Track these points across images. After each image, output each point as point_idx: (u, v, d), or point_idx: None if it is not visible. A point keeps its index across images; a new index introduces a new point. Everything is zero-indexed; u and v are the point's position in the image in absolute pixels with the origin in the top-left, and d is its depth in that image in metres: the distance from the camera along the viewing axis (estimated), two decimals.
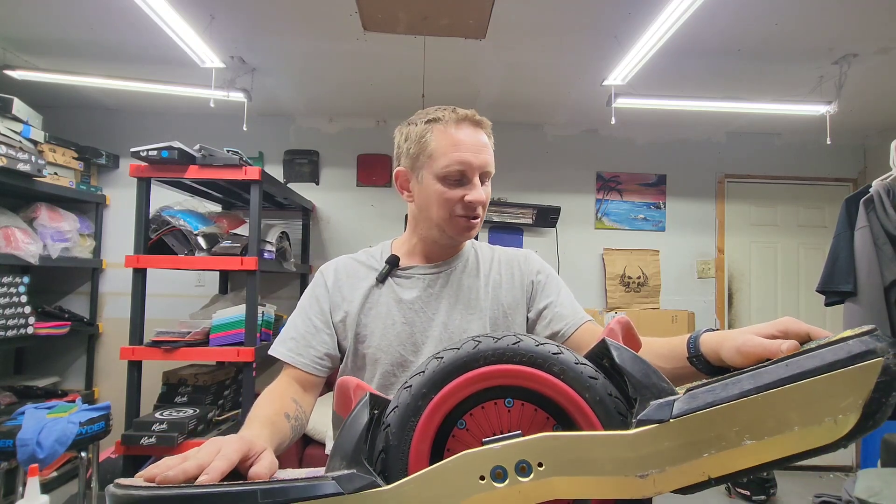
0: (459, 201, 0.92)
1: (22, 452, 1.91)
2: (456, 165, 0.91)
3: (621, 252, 3.72)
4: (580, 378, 0.46)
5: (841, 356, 0.40)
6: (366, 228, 3.59)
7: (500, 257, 1.06)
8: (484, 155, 0.93)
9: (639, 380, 0.44)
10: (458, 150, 0.91)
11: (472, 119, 0.94)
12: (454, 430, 0.48)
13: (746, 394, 0.41)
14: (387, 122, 3.68)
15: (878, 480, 1.88)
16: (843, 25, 2.29)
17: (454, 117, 0.93)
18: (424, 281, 0.99)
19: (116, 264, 3.34)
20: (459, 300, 0.98)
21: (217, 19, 2.29)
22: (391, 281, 0.99)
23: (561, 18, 2.28)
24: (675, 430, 0.41)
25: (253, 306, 2.32)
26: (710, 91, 2.97)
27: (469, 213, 0.93)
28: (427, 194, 0.95)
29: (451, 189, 0.92)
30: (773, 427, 0.40)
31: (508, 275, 1.03)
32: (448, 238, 0.98)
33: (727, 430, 0.40)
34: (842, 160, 3.80)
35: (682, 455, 0.40)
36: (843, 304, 2.02)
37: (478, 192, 0.92)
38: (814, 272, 2.64)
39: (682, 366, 0.69)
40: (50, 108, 3.18)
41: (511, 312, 0.99)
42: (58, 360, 3.37)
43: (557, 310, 0.98)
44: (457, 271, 1.01)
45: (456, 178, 0.92)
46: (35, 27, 2.45)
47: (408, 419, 0.45)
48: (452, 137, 0.92)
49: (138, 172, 2.32)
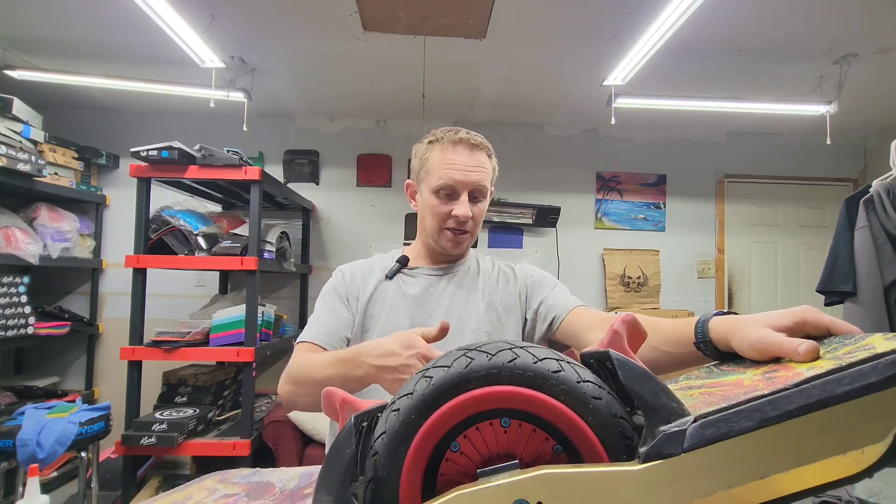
0: (449, 215, 1.03)
1: (22, 452, 1.91)
2: (445, 181, 1.01)
3: (621, 252, 3.72)
4: (582, 399, 0.43)
5: (873, 379, 0.35)
6: (366, 228, 3.57)
7: (499, 268, 1.16)
8: (475, 174, 1.02)
9: (647, 400, 0.41)
10: (449, 168, 1.01)
11: (467, 142, 1.03)
12: (447, 452, 0.45)
13: (766, 423, 0.37)
14: (387, 122, 3.68)
15: (878, 480, 1.87)
16: (843, 25, 2.29)
17: (451, 138, 1.03)
18: (428, 280, 1.09)
19: (116, 264, 3.34)
20: (458, 299, 1.08)
21: (217, 19, 2.29)
22: (399, 278, 1.09)
23: (561, 18, 2.28)
24: (685, 466, 0.37)
25: (253, 306, 2.32)
26: (710, 91, 2.97)
27: (457, 226, 1.03)
28: (424, 205, 1.07)
29: (443, 203, 1.03)
30: (792, 460, 0.36)
31: (504, 282, 1.12)
32: (440, 248, 1.08)
33: (742, 464, 0.37)
34: (842, 160, 3.80)
35: (699, 489, 0.37)
36: (843, 304, 2.02)
37: (463, 207, 1.01)
38: (814, 272, 2.64)
39: (689, 350, 0.68)
40: (50, 108, 3.18)
41: (505, 315, 1.07)
42: (58, 360, 3.37)
43: (550, 302, 1.05)
44: (458, 275, 1.11)
45: (447, 192, 1.02)
46: (35, 27, 2.45)
47: (397, 447, 0.42)
48: (446, 157, 1.02)
49: (138, 172, 2.32)
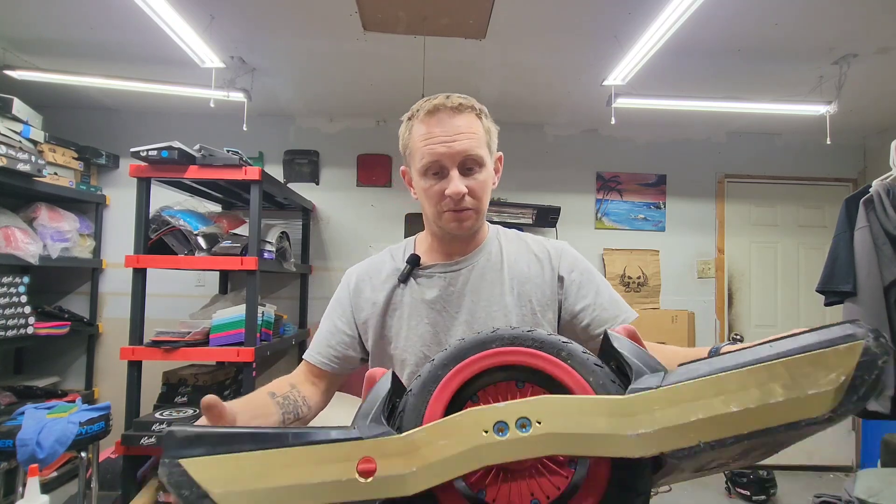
0: (442, 195, 0.88)
1: (22, 452, 1.91)
2: (428, 158, 0.86)
3: (621, 252, 3.72)
4: (585, 363, 0.51)
5: (824, 338, 0.43)
6: (366, 228, 3.57)
7: (529, 249, 0.99)
8: (460, 143, 0.86)
9: (635, 360, 0.49)
10: (428, 142, 0.86)
11: (445, 107, 0.87)
12: (468, 403, 0.55)
13: (730, 368, 0.44)
14: (387, 122, 3.68)
15: (878, 480, 1.88)
16: (843, 25, 2.29)
17: (426, 107, 0.88)
18: (445, 279, 0.95)
19: (116, 264, 3.33)
20: (482, 297, 0.94)
21: (217, 19, 2.29)
22: (413, 281, 0.96)
23: (561, 18, 2.28)
24: (665, 396, 0.45)
25: (253, 306, 2.32)
26: (710, 91, 2.97)
27: (455, 205, 0.88)
28: (418, 190, 0.93)
29: (435, 183, 0.88)
30: (758, 397, 0.43)
31: (538, 269, 0.96)
32: (446, 233, 0.94)
33: (714, 398, 0.44)
34: (842, 160, 3.80)
35: (672, 417, 0.44)
36: (843, 304, 2.02)
37: (454, 184, 0.86)
38: (814, 272, 2.64)
39: None
40: (50, 108, 3.18)
41: (541, 310, 0.93)
42: (58, 360, 3.37)
43: (597, 313, 0.92)
44: (478, 267, 0.96)
45: (433, 170, 0.88)
46: (35, 27, 2.45)
47: (428, 385, 0.53)
48: (424, 130, 0.87)
49: (138, 172, 2.32)
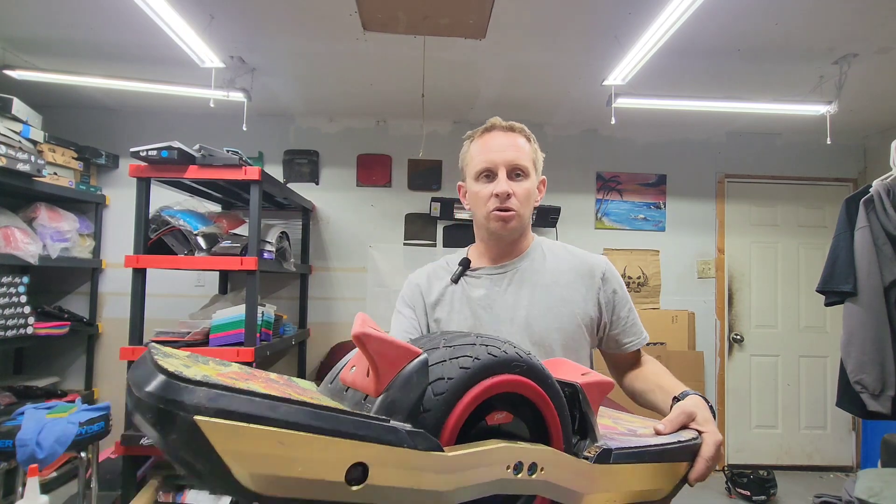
0: (490, 195, 1.05)
1: (21, 452, 1.91)
2: (482, 164, 1.06)
3: (621, 252, 3.72)
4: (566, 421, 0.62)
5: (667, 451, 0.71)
6: (366, 228, 3.57)
7: (572, 259, 1.14)
8: (510, 152, 1.06)
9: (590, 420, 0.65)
10: (484, 152, 1.07)
11: (500, 126, 1.09)
12: None
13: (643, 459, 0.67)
14: (387, 122, 3.68)
15: (878, 480, 1.88)
16: (843, 25, 2.29)
17: (485, 127, 1.10)
18: (491, 280, 1.11)
19: (116, 264, 3.33)
20: (522, 299, 1.08)
21: (217, 19, 2.29)
22: (463, 281, 1.12)
23: (561, 18, 2.28)
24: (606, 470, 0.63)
25: (253, 306, 2.32)
26: (710, 91, 2.97)
27: (500, 205, 1.04)
28: (471, 196, 1.11)
29: (485, 186, 1.06)
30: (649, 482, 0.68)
31: (577, 278, 1.11)
32: (492, 234, 1.09)
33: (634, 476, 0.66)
34: (842, 160, 3.80)
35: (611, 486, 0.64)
36: (843, 305, 2.02)
37: (502, 184, 1.04)
38: (814, 272, 2.64)
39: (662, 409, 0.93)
40: (50, 108, 3.18)
41: (581, 315, 1.08)
42: (57, 361, 3.37)
43: (627, 326, 1.12)
44: (521, 270, 1.11)
45: (485, 174, 1.06)
46: (35, 27, 2.44)
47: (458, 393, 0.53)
48: (482, 144, 1.09)
49: (138, 172, 2.32)
